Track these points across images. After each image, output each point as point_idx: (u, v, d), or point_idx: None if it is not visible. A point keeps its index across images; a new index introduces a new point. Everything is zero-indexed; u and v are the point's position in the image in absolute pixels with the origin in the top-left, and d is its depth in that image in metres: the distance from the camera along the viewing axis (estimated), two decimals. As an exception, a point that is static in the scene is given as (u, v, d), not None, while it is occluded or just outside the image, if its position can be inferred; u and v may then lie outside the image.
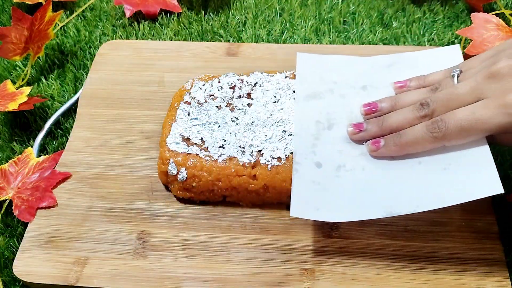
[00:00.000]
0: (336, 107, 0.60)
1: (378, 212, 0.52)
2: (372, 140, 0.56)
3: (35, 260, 0.56)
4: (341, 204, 0.53)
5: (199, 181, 0.57)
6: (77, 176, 0.62)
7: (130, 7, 0.82)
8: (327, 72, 0.63)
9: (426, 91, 0.56)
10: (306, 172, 0.55)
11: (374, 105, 0.58)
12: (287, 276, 0.54)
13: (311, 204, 0.52)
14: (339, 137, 0.58)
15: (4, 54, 0.72)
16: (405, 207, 0.51)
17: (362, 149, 0.57)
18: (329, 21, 0.81)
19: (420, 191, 0.52)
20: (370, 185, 0.54)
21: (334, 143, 0.57)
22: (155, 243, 0.57)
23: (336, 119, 0.59)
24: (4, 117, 0.71)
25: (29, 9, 0.84)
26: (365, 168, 0.55)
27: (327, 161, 0.56)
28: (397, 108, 0.57)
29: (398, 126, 0.55)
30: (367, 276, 0.54)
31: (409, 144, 0.54)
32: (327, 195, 0.53)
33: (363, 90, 0.61)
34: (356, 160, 0.56)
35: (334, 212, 0.52)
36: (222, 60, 0.74)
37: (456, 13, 0.81)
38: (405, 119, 0.55)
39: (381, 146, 0.55)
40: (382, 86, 0.61)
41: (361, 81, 0.62)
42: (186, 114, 0.61)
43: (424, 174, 0.53)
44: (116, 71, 0.73)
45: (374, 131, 0.56)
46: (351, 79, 0.62)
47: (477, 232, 0.56)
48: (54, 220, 0.59)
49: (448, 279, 0.53)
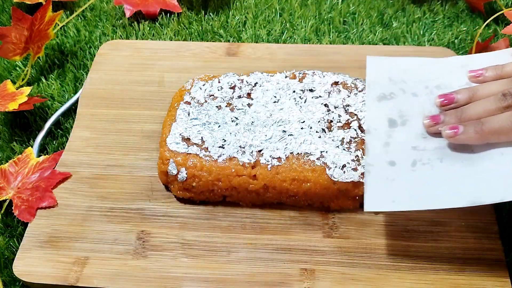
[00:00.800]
0: (409, 105, 0.58)
1: (459, 201, 0.50)
2: (450, 126, 0.54)
3: (35, 260, 0.56)
4: (419, 194, 0.52)
5: (199, 181, 0.57)
6: (77, 176, 0.62)
7: (130, 7, 0.82)
8: (398, 73, 0.62)
9: (508, 81, 0.54)
10: (379, 171, 0.54)
11: (450, 96, 0.56)
12: (287, 276, 0.54)
13: (386, 197, 0.52)
14: (413, 133, 0.56)
15: (4, 54, 0.72)
16: (490, 196, 0.50)
17: (438, 143, 0.55)
18: (329, 21, 0.81)
19: (505, 182, 0.51)
20: (449, 175, 0.52)
21: (407, 140, 0.56)
22: (155, 243, 0.57)
23: (409, 116, 0.57)
24: (4, 117, 0.71)
25: (29, 9, 0.84)
26: (443, 160, 0.54)
27: (401, 158, 0.54)
28: (475, 99, 0.55)
29: (479, 118, 0.53)
30: (367, 276, 0.54)
31: (492, 132, 0.51)
32: (403, 187, 0.52)
33: (436, 89, 0.59)
34: (432, 153, 0.54)
35: (412, 201, 0.51)
36: (222, 60, 0.74)
37: (456, 13, 0.81)
38: (486, 111, 0.53)
39: (459, 133, 0.52)
40: (457, 86, 0.59)
41: (434, 81, 0.60)
42: (186, 114, 0.61)
43: (508, 165, 0.51)
44: (116, 71, 0.73)
45: (452, 124, 0.54)
46: (424, 79, 0.61)
47: (477, 232, 0.56)
48: (54, 220, 0.59)
49: (448, 279, 0.53)
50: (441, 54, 0.73)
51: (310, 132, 0.59)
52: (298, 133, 0.59)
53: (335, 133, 0.59)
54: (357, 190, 0.56)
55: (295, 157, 0.57)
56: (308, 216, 0.58)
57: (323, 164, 0.56)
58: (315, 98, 0.62)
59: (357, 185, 0.56)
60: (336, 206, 0.58)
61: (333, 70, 0.70)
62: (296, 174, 0.56)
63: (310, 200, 0.58)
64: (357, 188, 0.56)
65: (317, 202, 0.58)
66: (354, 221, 0.57)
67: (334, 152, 0.57)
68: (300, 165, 0.56)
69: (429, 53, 0.73)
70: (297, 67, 0.71)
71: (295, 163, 0.57)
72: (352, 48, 0.75)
